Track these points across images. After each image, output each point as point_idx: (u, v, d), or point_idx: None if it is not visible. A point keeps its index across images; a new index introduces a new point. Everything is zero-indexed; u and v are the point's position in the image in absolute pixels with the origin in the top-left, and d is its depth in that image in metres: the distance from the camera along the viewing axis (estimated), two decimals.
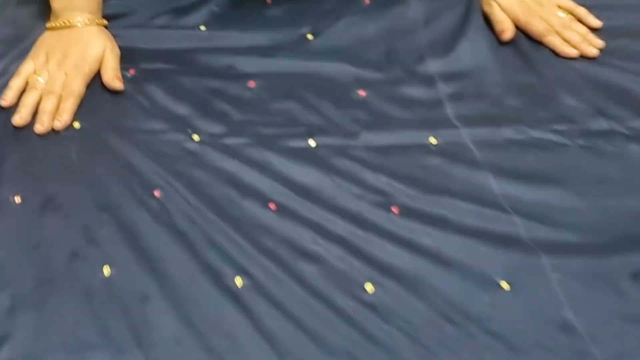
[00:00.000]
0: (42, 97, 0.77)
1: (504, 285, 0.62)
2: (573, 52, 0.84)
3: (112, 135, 0.74)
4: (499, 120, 0.77)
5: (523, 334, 0.59)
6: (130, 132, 0.75)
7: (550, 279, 0.62)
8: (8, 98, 0.77)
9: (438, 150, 0.73)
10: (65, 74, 0.78)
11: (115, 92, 0.79)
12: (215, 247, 0.64)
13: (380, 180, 0.70)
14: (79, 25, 0.81)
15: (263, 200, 0.68)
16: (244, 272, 0.62)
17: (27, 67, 0.79)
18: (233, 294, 0.61)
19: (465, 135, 0.74)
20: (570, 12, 0.89)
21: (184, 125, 0.76)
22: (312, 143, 0.74)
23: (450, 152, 0.73)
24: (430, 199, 0.68)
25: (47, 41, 0.81)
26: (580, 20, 0.89)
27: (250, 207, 0.68)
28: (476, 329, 0.59)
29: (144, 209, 0.67)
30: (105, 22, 0.84)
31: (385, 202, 0.68)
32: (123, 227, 0.66)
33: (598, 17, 0.89)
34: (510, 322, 0.60)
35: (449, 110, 0.77)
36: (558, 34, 0.86)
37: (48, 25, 0.82)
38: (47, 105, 0.75)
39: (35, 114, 0.76)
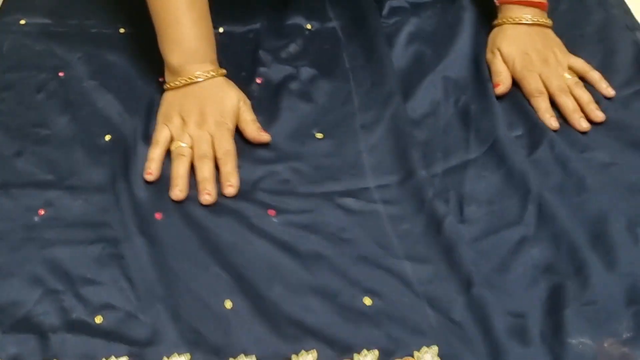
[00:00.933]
0: (193, 163, 0.71)
1: (319, 135, 0.77)
2: (553, 125, 0.76)
3: None
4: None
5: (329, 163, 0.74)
6: None
7: (356, 129, 0.77)
8: (153, 170, 0.70)
9: (310, 34, 0.87)
10: (210, 134, 0.73)
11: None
12: None
13: (255, 56, 0.84)
14: (200, 80, 0.74)
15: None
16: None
17: (163, 134, 0.73)
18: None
19: (336, 24, 0.88)
20: (583, 75, 0.81)
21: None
22: (220, 30, 0.88)
23: (320, 35, 0.87)
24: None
25: (174, 102, 0.75)
26: (593, 86, 0.80)
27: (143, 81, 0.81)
28: (297, 164, 0.74)
29: (43, 88, 0.79)
30: (224, 71, 0.77)
31: (250, 75, 0.82)
32: (21, 103, 0.78)
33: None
34: (319, 159, 0.74)
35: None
36: (553, 96, 0.78)
37: (168, 84, 0.76)
38: (206, 172, 0.70)
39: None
